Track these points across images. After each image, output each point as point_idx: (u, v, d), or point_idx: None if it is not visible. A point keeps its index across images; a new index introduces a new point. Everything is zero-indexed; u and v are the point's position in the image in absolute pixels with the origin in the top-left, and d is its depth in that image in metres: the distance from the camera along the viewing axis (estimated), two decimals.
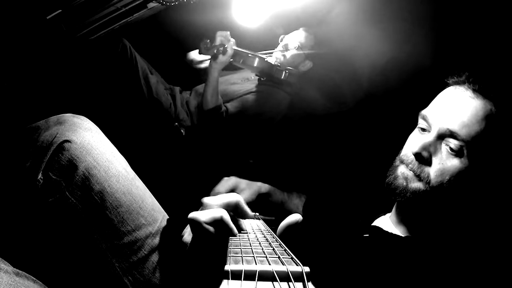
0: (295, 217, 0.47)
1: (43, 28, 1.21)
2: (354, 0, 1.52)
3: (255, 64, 1.51)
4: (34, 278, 0.58)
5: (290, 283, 0.28)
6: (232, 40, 1.41)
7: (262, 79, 1.63)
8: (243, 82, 1.66)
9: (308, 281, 0.28)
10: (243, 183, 0.96)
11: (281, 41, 1.63)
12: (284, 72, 1.54)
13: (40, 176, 0.66)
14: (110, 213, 0.69)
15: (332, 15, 1.59)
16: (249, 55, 1.49)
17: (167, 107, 1.53)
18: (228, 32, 1.39)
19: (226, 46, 1.35)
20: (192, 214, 0.47)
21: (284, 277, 0.29)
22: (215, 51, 1.34)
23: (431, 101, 0.78)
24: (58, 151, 0.68)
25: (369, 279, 0.64)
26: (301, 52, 1.58)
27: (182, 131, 1.50)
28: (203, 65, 1.73)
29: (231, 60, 1.44)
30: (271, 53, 1.62)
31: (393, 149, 0.83)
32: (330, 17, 1.60)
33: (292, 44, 1.58)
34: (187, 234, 0.58)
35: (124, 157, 0.80)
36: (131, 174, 0.78)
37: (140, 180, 0.80)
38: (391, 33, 1.38)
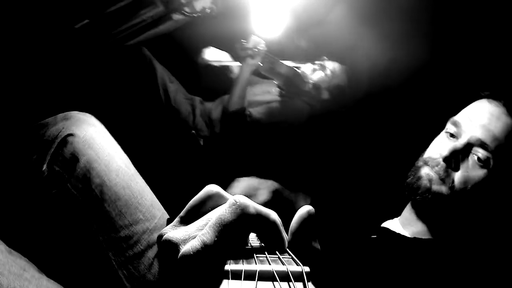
0: (305, 209, 0.37)
1: (71, 36, 1.27)
2: (353, 0, 1.55)
3: (283, 71, 1.56)
4: (27, 259, 0.59)
5: (290, 283, 0.28)
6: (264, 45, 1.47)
7: (283, 92, 1.65)
8: (264, 94, 1.68)
9: (308, 281, 0.28)
10: (256, 182, 0.96)
11: (320, 60, 1.64)
12: (307, 83, 1.57)
13: (45, 167, 0.68)
14: (108, 206, 0.70)
15: (332, 15, 1.61)
16: (279, 61, 1.55)
17: (185, 116, 1.56)
18: (261, 39, 1.46)
19: (260, 48, 1.43)
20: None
21: (284, 277, 0.29)
22: (249, 51, 1.42)
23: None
24: (62, 145, 0.70)
25: (373, 278, 0.65)
26: (327, 80, 1.59)
27: (200, 141, 1.53)
28: (215, 63, 1.74)
29: (261, 64, 1.48)
30: (299, 66, 1.64)
31: (394, 151, 0.83)
32: (330, 17, 1.62)
33: (327, 68, 1.60)
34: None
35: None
36: (132, 170, 0.79)
37: (141, 177, 0.81)
38: (390, 33, 1.40)
